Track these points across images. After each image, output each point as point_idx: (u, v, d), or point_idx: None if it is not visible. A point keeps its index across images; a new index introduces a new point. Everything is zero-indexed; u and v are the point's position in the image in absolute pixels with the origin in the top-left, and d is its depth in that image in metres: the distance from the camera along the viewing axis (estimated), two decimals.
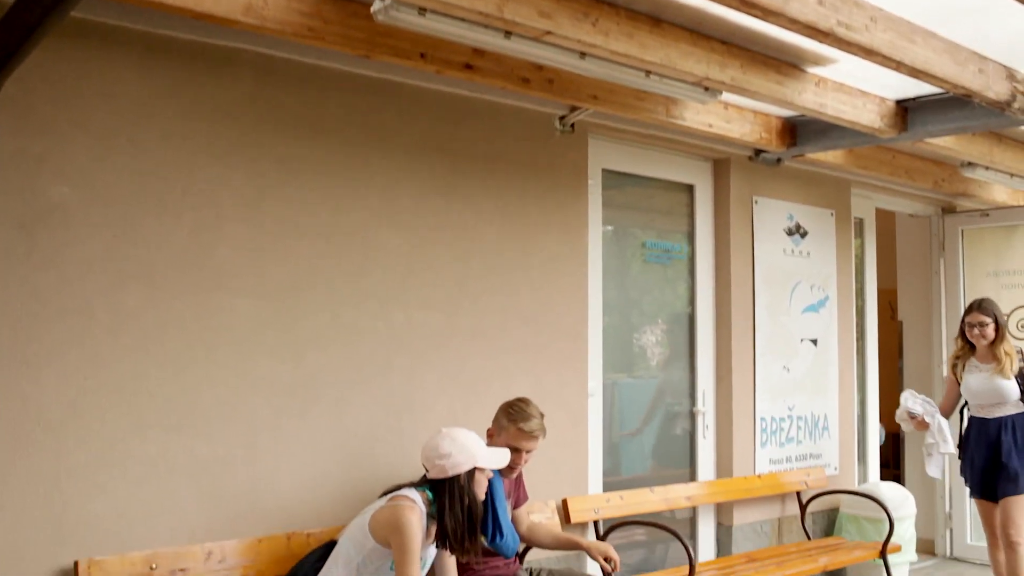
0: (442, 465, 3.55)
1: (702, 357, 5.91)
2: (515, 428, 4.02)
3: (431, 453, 3.60)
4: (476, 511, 3.58)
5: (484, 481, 3.64)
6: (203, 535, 3.72)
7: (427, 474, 3.62)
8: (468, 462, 3.56)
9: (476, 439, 3.66)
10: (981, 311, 5.57)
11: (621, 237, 5.69)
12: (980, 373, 5.54)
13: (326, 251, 4.13)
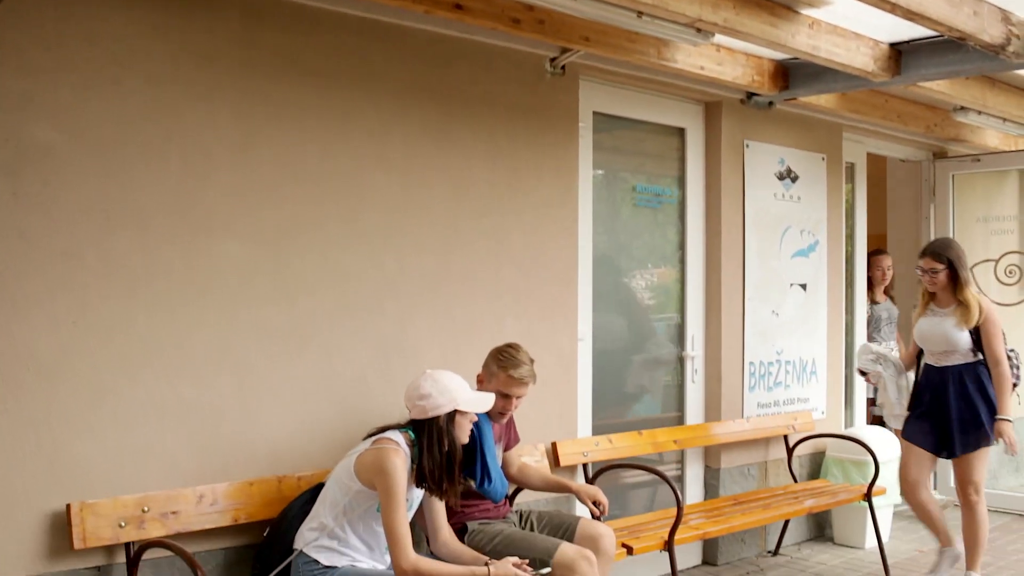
0: (422, 406, 3.57)
1: (691, 302, 5.92)
2: (505, 375, 4.03)
3: (412, 393, 3.61)
4: (455, 453, 3.59)
5: (466, 425, 3.65)
6: (194, 478, 3.74)
7: (409, 414, 3.64)
8: (448, 404, 3.57)
9: (460, 382, 3.67)
10: (932, 256, 5.16)
11: (611, 181, 5.66)
12: (933, 317, 5.21)
13: (316, 195, 4.10)
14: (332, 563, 3.52)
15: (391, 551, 3.43)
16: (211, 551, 3.80)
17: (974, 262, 7.77)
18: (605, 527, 4.17)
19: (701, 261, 5.96)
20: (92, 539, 3.42)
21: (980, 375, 5.11)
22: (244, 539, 3.88)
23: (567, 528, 4.16)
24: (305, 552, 3.54)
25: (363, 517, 3.55)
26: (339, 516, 3.54)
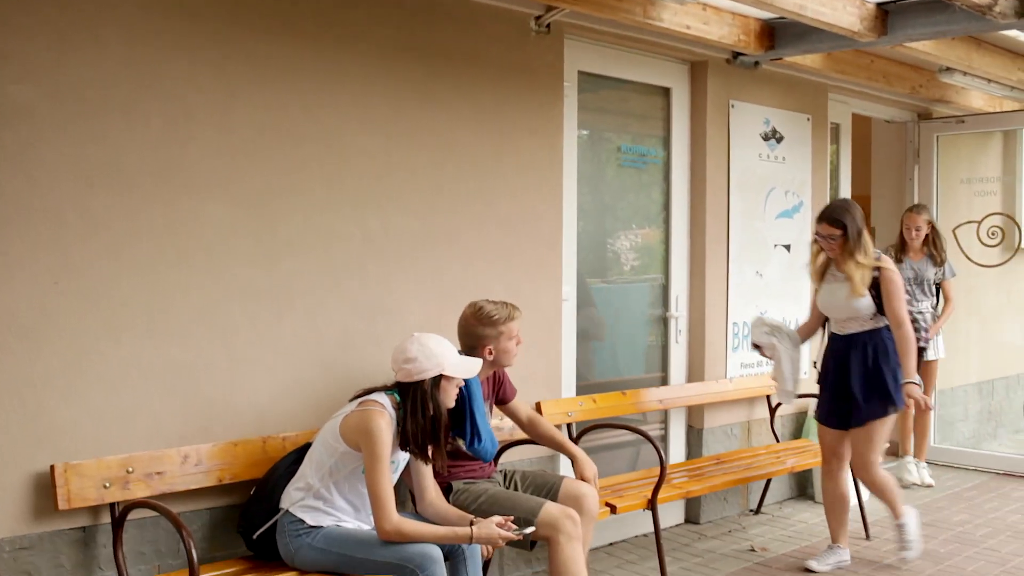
0: (408, 369, 3.57)
1: (676, 262, 5.93)
2: (508, 325, 4.04)
3: (399, 356, 3.61)
4: (440, 418, 3.59)
5: (452, 390, 3.65)
6: (179, 439, 3.74)
7: (395, 377, 3.64)
8: (434, 369, 3.56)
9: (447, 347, 3.66)
10: (829, 222, 4.89)
11: (596, 141, 5.64)
12: (833, 283, 4.99)
13: (299, 156, 4.06)
14: (317, 523, 3.54)
15: (374, 513, 3.45)
16: (196, 511, 3.81)
17: (957, 223, 7.83)
18: (589, 487, 4.19)
19: (685, 222, 5.96)
20: (77, 500, 3.42)
21: (885, 340, 4.91)
22: (229, 499, 3.89)
23: (551, 488, 4.18)
24: (291, 512, 3.56)
25: (348, 478, 3.57)
26: (325, 477, 3.56)
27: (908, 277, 6.46)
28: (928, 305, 6.69)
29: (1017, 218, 8.12)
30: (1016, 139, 8.56)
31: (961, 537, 5.76)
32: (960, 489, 6.94)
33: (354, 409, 3.56)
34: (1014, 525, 6.02)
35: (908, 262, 6.72)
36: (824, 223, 4.90)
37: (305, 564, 3.55)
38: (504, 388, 4.34)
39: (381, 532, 3.43)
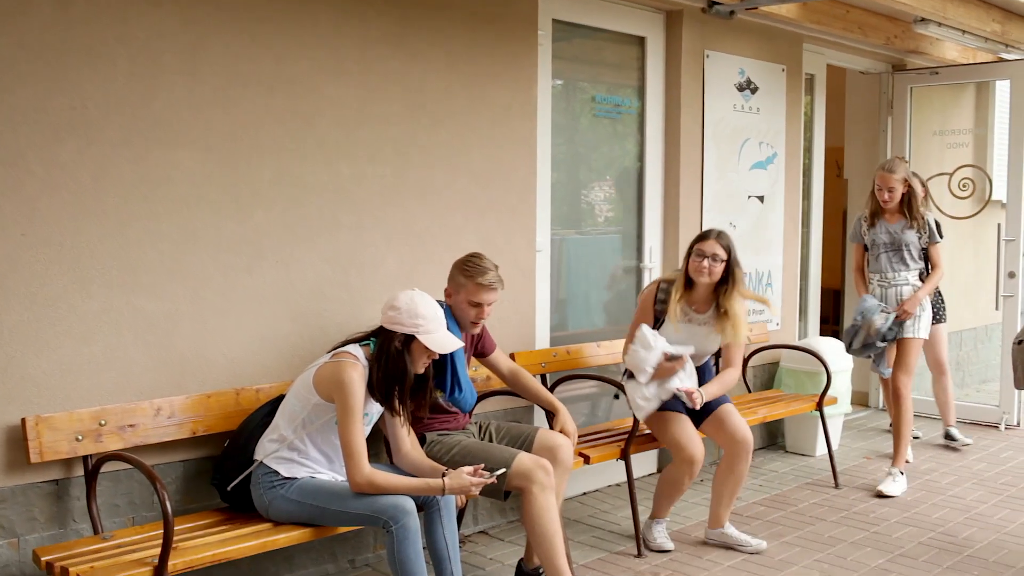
0: (389, 316, 3.56)
1: (650, 213, 5.93)
2: (473, 283, 4.01)
3: (388, 301, 3.61)
4: (405, 376, 3.57)
5: (421, 358, 3.60)
6: (151, 391, 3.72)
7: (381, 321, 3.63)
8: (408, 328, 3.53)
9: (436, 316, 3.60)
10: (718, 240, 4.54)
11: (571, 91, 5.60)
12: (691, 326, 4.63)
13: (269, 103, 4.00)
14: (291, 474, 3.54)
15: (346, 465, 3.45)
16: (170, 463, 3.80)
17: (929, 175, 7.86)
18: (563, 437, 4.21)
19: (660, 173, 5.95)
20: (49, 453, 3.40)
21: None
22: (203, 451, 3.88)
23: (526, 439, 4.20)
24: (265, 463, 3.56)
25: (322, 430, 3.57)
26: (298, 428, 3.56)
27: (884, 242, 5.80)
28: (910, 275, 5.81)
29: (988, 170, 8.16)
30: (988, 91, 8.59)
31: (928, 485, 5.86)
32: (927, 438, 7.04)
33: (328, 360, 3.55)
34: (979, 473, 6.12)
35: (883, 224, 5.84)
36: (712, 240, 4.56)
37: (279, 515, 3.55)
38: (484, 341, 4.34)
39: (353, 484, 3.44)
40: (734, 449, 4.66)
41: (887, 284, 5.83)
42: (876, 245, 5.88)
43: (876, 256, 5.90)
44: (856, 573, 4.45)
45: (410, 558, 3.42)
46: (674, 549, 4.74)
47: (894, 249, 5.82)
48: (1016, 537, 4.94)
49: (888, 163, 5.87)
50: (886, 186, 5.75)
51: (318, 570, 4.31)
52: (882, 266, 5.86)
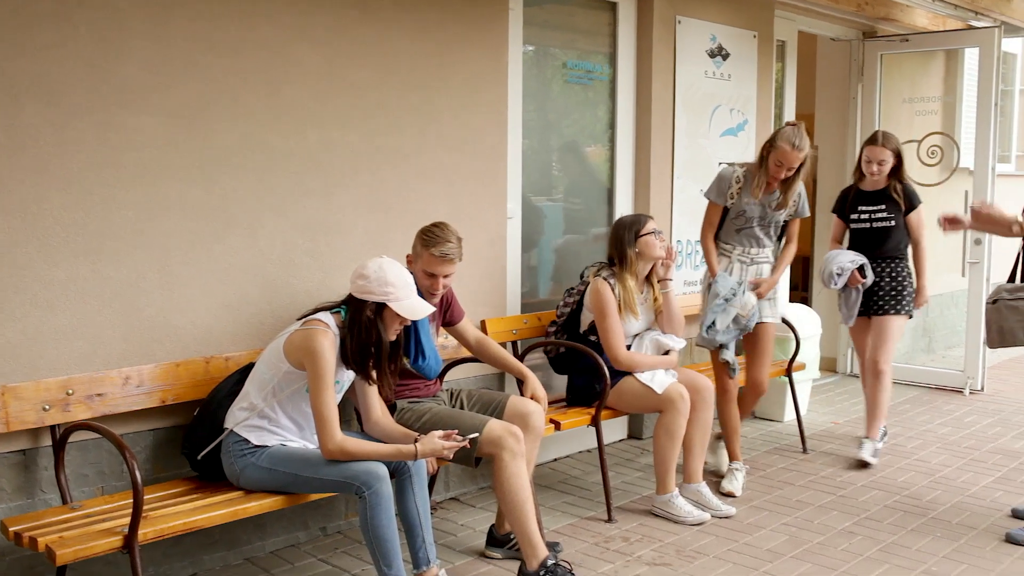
0: (358, 284, 3.54)
1: (621, 180, 5.92)
2: (428, 254, 3.99)
3: (357, 269, 3.58)
4: (381, 344, 3.56)
5: (394, 324, 3.59)
6: (119, 360, 3.68)
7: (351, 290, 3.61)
8: (378, 296, 3.51)
9: (406, 283, 3.58)
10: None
11: (542, 57, 5.56)
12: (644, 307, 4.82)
13: (236, 68, 3.95)
14: (262, 442, 3.54)
15: (317, 432, 3.44)
16: (139, 432, 3.78)
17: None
18: (534, 404, 4.22)
19: (631, 139, 5.94)
20: (15, 423, 3.37)
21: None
22: (172, 420, 3.86)
23: (497, 406, 4.21)
24: (235, 431, 3.55)
25: (292, 397, 3.56)
26: (268, 396, 3.54)
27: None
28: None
29: (956, 138, 8.21)
30: (958, 59, 8.62)
31: (894, 449, 5.93)
32: (894, 403, 7.12)
33: (298, 328, 3.53)
34: (944, 437, 6.21)
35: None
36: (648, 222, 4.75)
37: (251, 483, 3.55)
38: (452, 310, 4.33)
39: (325, 451, 3.44)
40: (695, 398, 4.72)
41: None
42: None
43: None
44: (823, 536, 4.51)
45: (383, 524, 3.43)
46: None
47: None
48: (979, 499, 5.02)
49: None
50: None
51: (289, 538, 4.32)
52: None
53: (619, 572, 4.09)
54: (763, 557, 4.26)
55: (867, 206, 5.65)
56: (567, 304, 4.93)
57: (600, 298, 4.70)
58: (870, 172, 5.55)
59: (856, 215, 5.68)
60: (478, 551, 4.31)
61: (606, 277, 4.75)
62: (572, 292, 4.96)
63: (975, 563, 4.20)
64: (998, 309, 4.43)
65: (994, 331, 4.47)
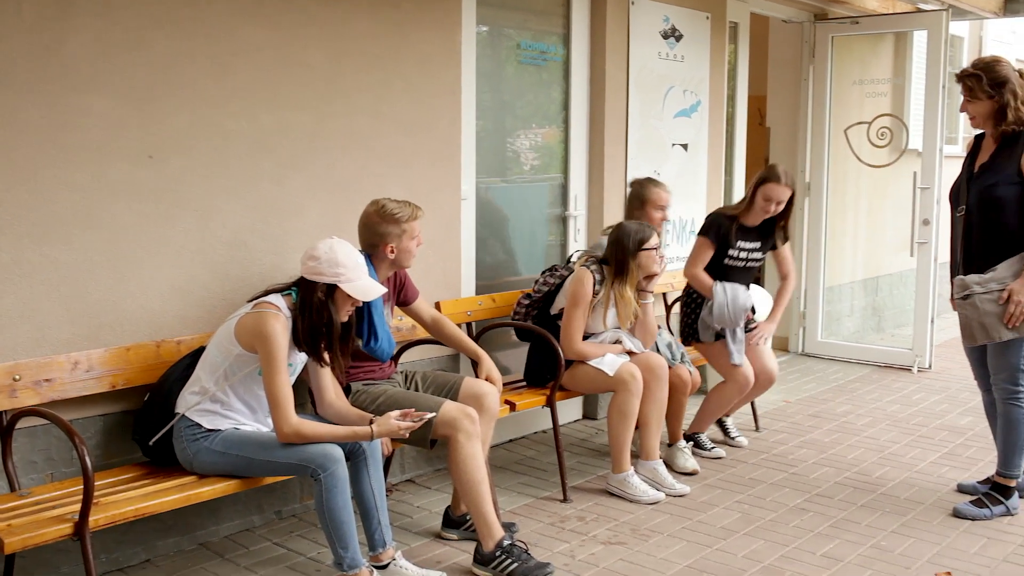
0: (309, 266, 3.51)
1: (575, 162, 5.93)
2: (405, 226, 3.97)
3: (308, 251, 3.55)
4: (332, 326, 3.54)
5: (345, 306, 3.58)
6: (67, 345, 3.63)
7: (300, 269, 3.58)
8: (329, 278, 3.49)
9: (357, 264, 3.56)
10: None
11: (496, 38, 5.54)
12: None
13: (185, 47, 3.89)
14: (215, 426, 3.51)
15: (272, 415, 3.42)
16: (89, 418, 3.73)
17: (849, 124, 7.99)
18: (489, 385, 4.23)
19: (585, 120, 5.94)
20: None
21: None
22: (123, 405, 3.81)
23: (451, 387, 4.21)
24: (187, 416, 3.51)
25: (244, 381, 3.53)
26: (220, 380, 3.51)
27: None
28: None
29: (905, 120, 8.32)
30: (907, 42, 8.72)
31: (844, 427, 6.02)
32: (844, 381, 7.23)
33: (249, 311, 3.50)
34: (893, 415, 6.31)
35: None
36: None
37: (204, 468, 3.52)
38: (406, 290, 4.32)
39: (280, 434, 3.42)
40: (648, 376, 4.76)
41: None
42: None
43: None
44: (775, 513, 4.57)
45: (338, 506, 3.42)
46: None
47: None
48: (926, 475, 5.11)
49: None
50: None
51: (244, 522, 4.29)
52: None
53: (574, 551, 4.12)
54: (716, 534, 4.31)
55: (747, 243, 5.26)
56: (547, 283, 4.95)
57: (577, 287, 4.73)
58: (766, 211, 5.16)
59: (735, 251, 5.24)
60: (434, 532, 4.31)
61: (594, 271, 4.76)
62: (555, 273, 4.97)
63: (922, 537, 4.29)
64: (973, 304, 4.26)
65: (975, 327, 4.29)
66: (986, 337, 4.29)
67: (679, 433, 5.27)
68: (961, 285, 4.33)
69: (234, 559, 4.02)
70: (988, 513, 4.48)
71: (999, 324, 4.23)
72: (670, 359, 5.07)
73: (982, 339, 4.30)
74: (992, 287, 4.22)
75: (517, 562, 3.79)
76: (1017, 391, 4.39)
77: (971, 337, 4.34)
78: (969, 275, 4.32)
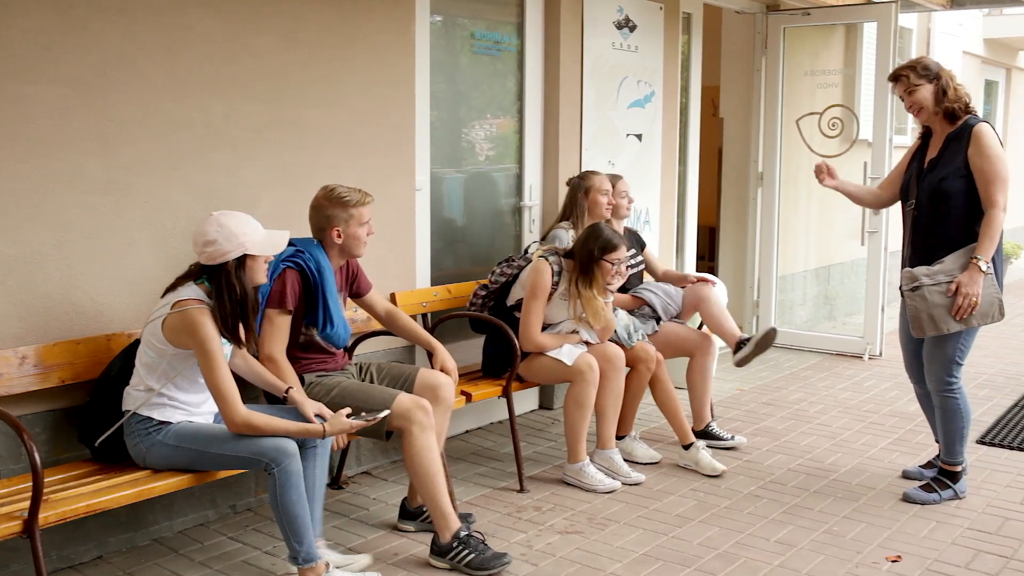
0: (209, 252, 3.41)
1: (530, 152, 5.92)
2: (353, 210, 3.94)
3: (198, 239, 3.43)
4: (247, 299, 3.47)
5: (260, 267, 3.51)
6: (15, 339, 3.56)
7: (199, 260, 3.48)
8: (236, 250, 3.42)
9: (250, 225, 3.49)
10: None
11: (450, 28, 5.51)
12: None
13: (133, 34, 3.82)
14: (167, 418, 3.46)
15: (220, 409, 3.37)
16: (38, 414, 3.67)
17: (800, 115, 8.06)
18: (444, 376, 4.22)
19: (539, 111, 5.94)
20: None
21: None
22: (73, 400, 3.75)
23: (407, 379, 4.19)
24: (137, 412, 3.46)
25: (186, 376, 3.47)
26: (161, 378, 3.45)
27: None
28: None
29: (856, 110, 8.42)
30: (857, 33, 8.82)
31: (797, 414, 6.10)
32: (797, 369, 7.32)
33: (170, 312, 3.40)
34: (844, 402, 6.40)
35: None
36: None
37: (157, 462, 3.47)
38: (358, 281, 4.29)
39: (231, 426, 3.37)
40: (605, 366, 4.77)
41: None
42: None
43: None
44: (730, 500, 4.61)
45: (292, 500, 3.39)
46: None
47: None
48: (877, 461, 5.19)
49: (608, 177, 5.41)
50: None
51: (198, 516, 4.25)
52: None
53: (531, 541, 4.13)
54: (672, 522, 4.34)
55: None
56: (503, 274, 4.94)
57: (536, 278, 4.72)
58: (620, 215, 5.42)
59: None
60: (391, 525, 4.30)
61: (552, 262, 4.76)
62: (512, 263, 4.96)
63: (873, 522, 4.35)
64: (922, 296, 4.29)
65: (924, 319, 4.32)
66: (934, 329, 4.34)
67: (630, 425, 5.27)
68: (910, 277, 4.38)
69: (188, 554, 3.98)
70: (937, 497, 4.56)
71: (947, 316, 4.29)
72: (627, 340, 5.08)
73: (931, 331, 4.36)
74: (940, 279, 4.29)
75: (474, 553, 3.79)
76: (951, 383, 4.47)
77: (919, 328, 4.39)
78: (917, 267, 4.37)
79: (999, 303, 4.29)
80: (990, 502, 4.58)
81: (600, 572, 3.84)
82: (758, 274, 8.11)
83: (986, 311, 4.28)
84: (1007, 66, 14.58)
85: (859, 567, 3.89)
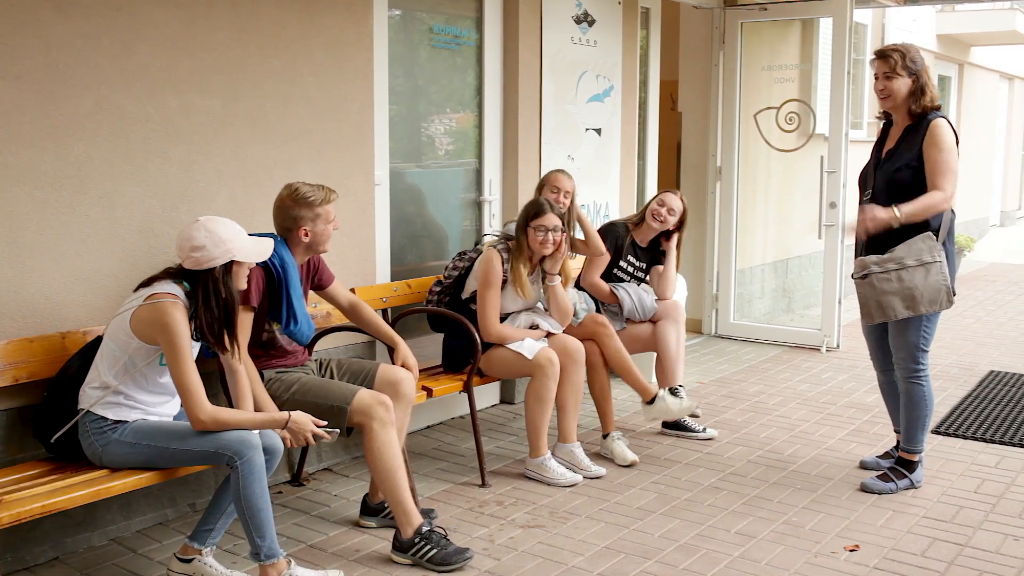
0: (196, 258, 3.39)
1: (489, 147, 5.92)
2: (319, 209, 3.92)
3: (184, 244, 3.41)
4: (232, 305, 3.46)
5: (243, 272, 3.52)
6: None
7: (182, 264, 3.46)
8: (224, 256, 3.41)
9: (236, 231, 3.48)
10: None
11: (408, 22, 5.49)
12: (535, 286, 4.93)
13: (85, 28, 3.76)
14: (121, 418, 3.41)
15: (185, 405, 3.33)
16: None
17: (758, 109, 8.12)
18: (405, 372, 4.21)
19: (499, 105, 5.94)
20: None
21: None
22: (27, 399, 3.69)
23: (367, 374, 4.17)
24: (91, 411, 3.41)
25: (146, 372, 3.43)
26: (120, 374, 3.40)
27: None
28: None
29: (812, 105, 8.50)
30: (813, 28, 8.90)
31: (756, 407, 6.15)
32: (756, 362, 7.37)
33: (143, 303, 3.37)
34: (803, 394, 6.46)
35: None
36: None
37: (115, 461, 3.42)
38: (321, 274, 4.26)
39: (196, 422, 3.33)
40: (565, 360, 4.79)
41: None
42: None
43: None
44: (690, 492, 4.64)
45: (256, 494, 3.36)
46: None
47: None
48: (835, 452, 5.25)
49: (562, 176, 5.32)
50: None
51: (157, 515, 4.20)
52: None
53: (493, 536, 4.13)
54: (633, 515, 4.36)
55: (636, 260, 5.57)
56: (456, 268, 4.94)
57: (487, 268, 4.72)
58: (661, 220, 5.45)
59: (626, 263, 5.55)
60: (352, 521, 4.28)
61: (501, 250, 4.75)
62: (464, 257, 4.97)
63: (831, 512, 4.40)
64: (871, 283, 4.35)
65: (872, 306, 4.38)
66: (882, 316, 4.40)
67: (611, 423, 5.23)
68: (860, 265, 4.43)
69: (147, 554, 3.93)
70: (893, 487, 4.62)
71: (896, 303, 4.35)
72: (581, 311, 5.14)
73: (879, 317, 4.42)
74: (890, 267, 4.34)
75: (436, 548, 3.79)
76: (917, 369, 4.53)
77: (869, 315, 4.46)
78: (868, 255, 4.43)
79: (947, 290, 4.34)
80: (945, 491, 4.65)
81: (562, 566, 3.85)
82: (717, 268, 8.17)
83: (934, 298, 4.34)
84: (960, 62, 14.80)
85: (818, 556, 3.93)
